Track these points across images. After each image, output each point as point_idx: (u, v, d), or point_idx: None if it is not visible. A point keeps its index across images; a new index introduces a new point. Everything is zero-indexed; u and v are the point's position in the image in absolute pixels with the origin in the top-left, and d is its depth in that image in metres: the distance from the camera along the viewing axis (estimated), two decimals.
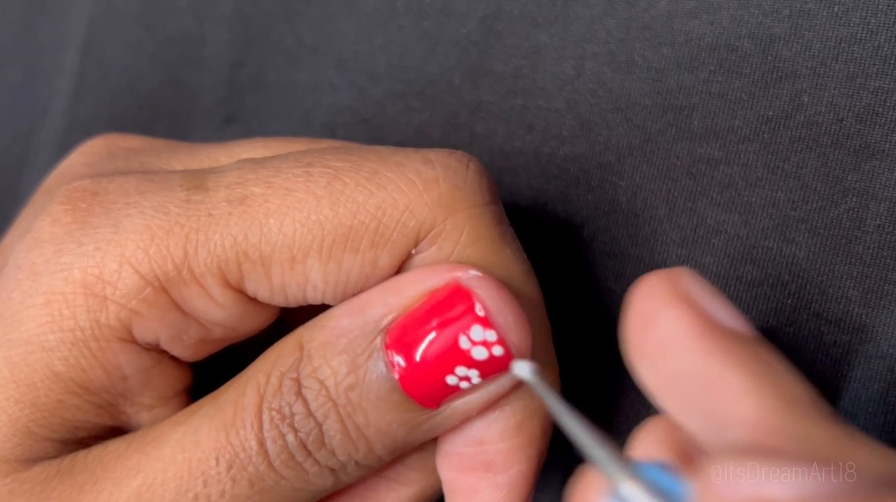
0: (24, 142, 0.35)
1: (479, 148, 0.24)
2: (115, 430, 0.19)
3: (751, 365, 0.15)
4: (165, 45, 0.31)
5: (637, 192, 0.22)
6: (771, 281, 0.20)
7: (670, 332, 0.16)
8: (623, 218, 0.22)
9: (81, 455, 0.19)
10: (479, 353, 0.17)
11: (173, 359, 0.20)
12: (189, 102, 0.30)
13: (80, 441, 0.19)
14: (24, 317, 0.18)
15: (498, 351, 0.17)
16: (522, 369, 0.17)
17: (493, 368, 0.18)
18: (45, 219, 0.19)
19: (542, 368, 0.19)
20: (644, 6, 0.22)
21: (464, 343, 0.17)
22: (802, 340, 0.20)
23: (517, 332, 0.17)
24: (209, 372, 0.21)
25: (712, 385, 0.15)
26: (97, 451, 0.19)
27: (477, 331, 0.17)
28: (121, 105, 0.32)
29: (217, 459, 0.18)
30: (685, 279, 0.16)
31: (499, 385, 0.18)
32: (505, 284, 0.18)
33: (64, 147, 0.33)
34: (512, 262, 0.19)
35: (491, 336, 0.17)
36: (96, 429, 0.19)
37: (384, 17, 0.26)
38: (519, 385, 0.18)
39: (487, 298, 0.17)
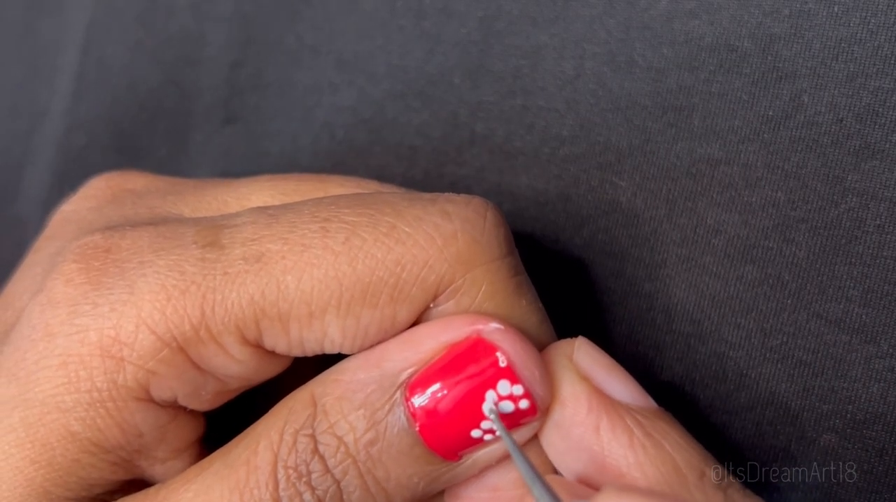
0: (24, 142, 0.35)
1: (479, 148, 0.24)
2: (129, 484, 0.19)
3: (639, 439, 0.17)
4: (165, 45, 0.31)
5: (637, 192, 0.22)
6: (771, 281, 0.20)
7: (564, 409, 0.17)
8: (623, 218, 0.22)
9: None
10: (506, 407, 0.17)
11: (188, 411, 0.19)
12: (189, 102, 0.30)
13: (94, 497, 0.19)
14: (40, 377, 0.18)
15: (524, 404, 0.17)
16: (487, 402, 0.17)
17: (517, 420, 0.18)
18: (57, 279, 0.19)
19: None
20: (644, 6, 0.22)
21: (490, 397, 0.17)
22: (802, 340, 0.20)
23: (542, 385, 0.17)
24: (219, 413, 0.21)
25: (603, 459, 0.17)
26: None
27: (504, 386, 0.17)
28: (121, 105, 0.32)
29: None
30: (581, 353, 0.18)
31: (519, 435, 0.18)
32: (525, 335, 0.18)
33: (64, 147, 0.33)
34: (528, 314, 0.19)
35: (518, 390, 0.17)
36: (110, 485, 0.19)
37: (384, 17, 0.26)
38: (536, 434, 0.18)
39: (512, 352, 0.17)
